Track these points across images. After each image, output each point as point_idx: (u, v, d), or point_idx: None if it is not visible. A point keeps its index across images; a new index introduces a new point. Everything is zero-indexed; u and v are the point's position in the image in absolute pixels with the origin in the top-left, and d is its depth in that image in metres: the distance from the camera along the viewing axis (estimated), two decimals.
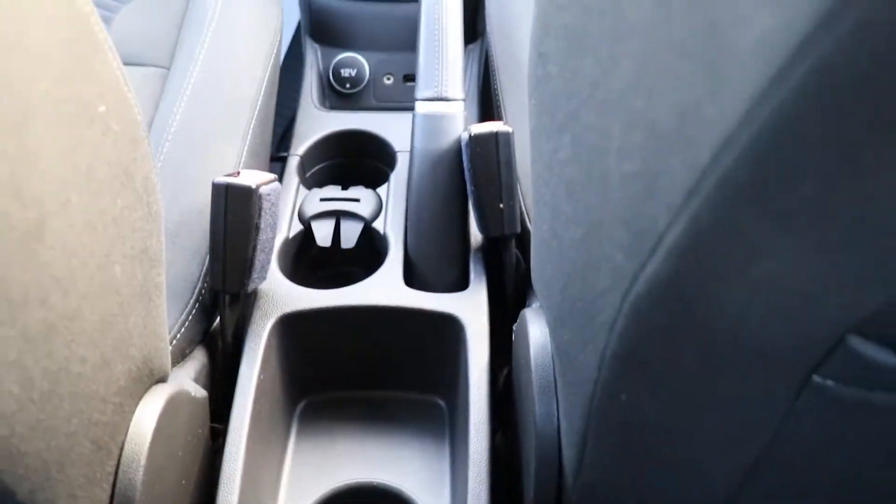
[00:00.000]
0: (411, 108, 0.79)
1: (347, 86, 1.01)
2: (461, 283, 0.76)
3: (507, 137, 0.71)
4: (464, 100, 0.78)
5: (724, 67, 0.24)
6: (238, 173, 0.70)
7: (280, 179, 0.90)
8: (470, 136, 0.71)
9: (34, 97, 0.39)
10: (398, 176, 0.86)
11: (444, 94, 0.77)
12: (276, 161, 1.06)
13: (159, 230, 0.55)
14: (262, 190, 0.68)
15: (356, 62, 1.02)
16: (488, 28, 0.94)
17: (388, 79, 1.02)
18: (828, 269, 0.28)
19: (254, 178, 0.69)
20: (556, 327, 0.51)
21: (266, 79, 0.85)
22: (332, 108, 1.00)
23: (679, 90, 0.28)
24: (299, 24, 1.27)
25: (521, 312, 0.61)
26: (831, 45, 0.20)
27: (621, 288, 0.35)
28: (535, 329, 0.57)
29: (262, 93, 0.84)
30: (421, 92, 0.77)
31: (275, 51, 0.89)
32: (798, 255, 0.27)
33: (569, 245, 0.43)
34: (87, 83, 0.44)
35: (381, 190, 0.86)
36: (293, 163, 0.89)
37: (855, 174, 0.23)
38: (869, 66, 0.20)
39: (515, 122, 0.80)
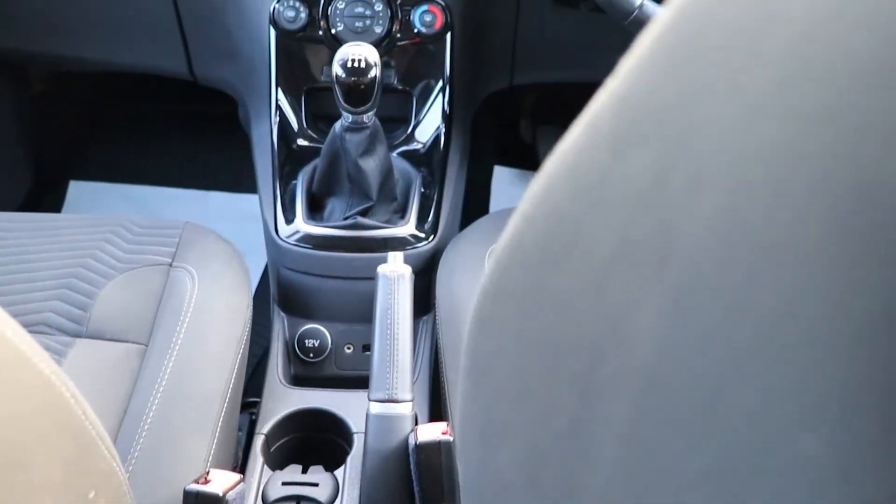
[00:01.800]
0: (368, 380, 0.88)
1: (311, 355, 1.11)
2: None
3: (448, 447, 0.80)
4: (412, 400, 0.87)
5: None
6: (207, 474, 0.78)
7: (245, 457, 0.98)
8: (416, 443, 0.80)
9: None
10: (354, 460, 0.94)
11: (394, 396, 0.86)
12: (245, 409, 1.14)
13: None
14: (229, 496, 0.76)
15: (319, 333, 1.12)
16: (437, 312, 1.04)
17: (349, 348, 1.12)
18: None
19: (222, 482, 0.77)
20: None
21: (235, 370, 0.94)
22: (296, 381, 1.09)
23: None
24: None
25: None
26: None
27: None
28: None
29: (231, 385, 0.93)
30: (374, 393, 0.87)
31: (245, 339, 0.98)
32: None
33: None
34: (83, 479, 0.52)
35: (339, 472, 0.94)
36: (258, 442, 0.97)
37: None
38: None
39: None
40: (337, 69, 1.04)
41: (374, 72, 1.04)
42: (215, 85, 1.48)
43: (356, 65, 1.03)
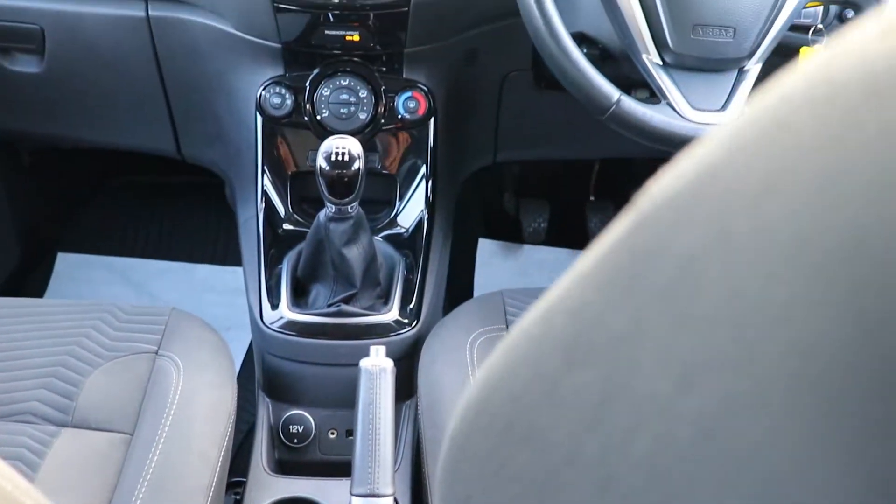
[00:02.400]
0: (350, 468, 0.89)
1: (295, 441, 1.12)
2: None
3: None
4: (393, 494, 0.88)
5: None
6: None
7: None
8: None
9: None
10: None
11: (376, 491, 0.87)
12: (229, 489, 1.14)
13: None
14: None
15: (303, 419, 1.13)
16: (419, 402, 1.06)
17: (333, 433, 1.14)
18: None
19: None
20: None
21: (219, 464, 0.95)
22: (281, 466, 1.11)
23: None
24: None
25: None
26: None
27: None
28: None
29: (215, 478, 0.94)
30: (356, 487, 0.88)
31: (228, 434, 0.99)
32: None
33: None
34: None
35: None
36: None
37: None
38: None
39: None
40: (321, 161, 1.06)
41: (358, 164, 1.06)
42: (203, 165, 1.50)
43: (340, 157, 1.06)
